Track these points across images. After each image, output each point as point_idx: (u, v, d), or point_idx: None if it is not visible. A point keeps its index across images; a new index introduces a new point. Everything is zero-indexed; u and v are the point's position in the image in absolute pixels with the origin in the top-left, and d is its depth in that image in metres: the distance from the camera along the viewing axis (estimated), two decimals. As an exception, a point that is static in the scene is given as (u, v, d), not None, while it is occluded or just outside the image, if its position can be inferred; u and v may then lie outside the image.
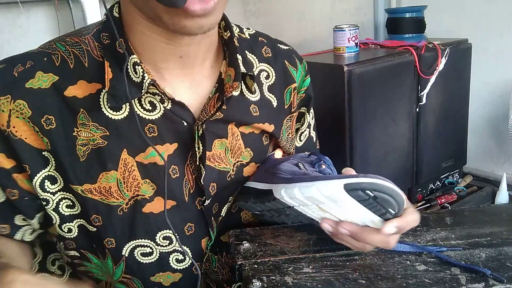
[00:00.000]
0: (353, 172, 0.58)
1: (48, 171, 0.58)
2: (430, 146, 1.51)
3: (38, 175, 0.58)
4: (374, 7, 1.96)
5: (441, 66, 1.42)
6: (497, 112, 1.72)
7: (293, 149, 0.79)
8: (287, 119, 0.74)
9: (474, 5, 1.71)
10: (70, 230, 0.62)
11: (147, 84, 0.56)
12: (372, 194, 0.51)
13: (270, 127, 0.70)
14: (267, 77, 0.70)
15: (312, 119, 0.81)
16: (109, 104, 0.56)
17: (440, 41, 1.48)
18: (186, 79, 0.61)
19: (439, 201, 1.54)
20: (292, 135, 0.77)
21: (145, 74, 0.56)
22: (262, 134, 0.71)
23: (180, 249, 0.65)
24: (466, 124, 1.63)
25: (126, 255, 0.63)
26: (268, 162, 0.71)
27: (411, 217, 0.55)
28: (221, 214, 0.69)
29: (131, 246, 0.63)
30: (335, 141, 0.90)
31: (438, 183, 1.63)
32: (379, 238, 0.55)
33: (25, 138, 0.56)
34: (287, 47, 0.75)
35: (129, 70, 0.56)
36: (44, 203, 0.60)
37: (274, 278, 0.56)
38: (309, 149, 0.81)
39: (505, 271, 0.55)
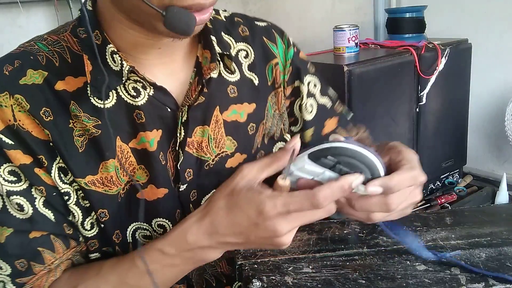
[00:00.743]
0: (338, 138, 0.55)
1: (59, 162, 0.58)
2: (430, 146, 1.51)
3: (53, 166, 0.58)
4: (374, 7, 1.96)
5: (441, 66, 1.42)
6: (497, 112, 1.72)
7: (284, 124, 0.75)
8: (272, 96, 0.72)
9: (474, 5, 1.71)
10: (92, 226, 0.61)
11: (126, 71, 0.56)
12: (336, 159, 0.51)
13: (250, 107, 0.69)
14: (246, 56, 0.70)
15: (314, 87, 0.76)
16: (94, 96, 0.57)
17: (440, 41, 1.49)
18: (165, 68, 0.62)
19: (439, 201, 1.54)
20: (281, 111, 0.74)
21: (124, 62, 0.56)
22: (248, 123, 0.69)
23: None
24: (466, 124, 1.63)
25: (130, 240, 0.63)
26: None
27: (404, 175, 0.52)
28: (201, 203, 0.66)
29: (132, 229, 0.63)
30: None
31: (438, 183, 1.63)
32: (373, 201, 0.52)
33: (31, 131, 0.57)
34: (265, 23, 0.74)
35: (108, 60, 0.57)
36: (66, 197, 0.59)
37: (274, 278, 0.56)
38: (326, 117, 0.77)
39: (505, 271, 0.55)
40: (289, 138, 0.77)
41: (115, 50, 0.57)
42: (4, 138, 0.56)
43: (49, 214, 0.59)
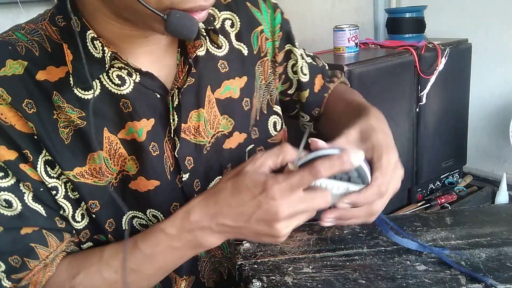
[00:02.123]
0: (317, 145, 0.53)
1: (45, 155, 0.57)
2: (430, 146, 1.51)
3: (39, 161, 0.56)
4: (374, 7, 1.96)
5: (441, 66, 1.42)
6: (497, 112, 1.72)
7: (270, 94, 0.73)
8: (258, 65, 0.70)
9: (474, 5, 1.71)
10: (83, 216, 0.60)
11: (108, 58, 0.54)
12: None
13: (242, 80, 0.66)
14: (232, 25, 0.67)
15: (299, 48, 0.77)
16: (78, 87, 0.55)
17: (440, 41, 1.48)
18: (151, 54, 0.60)
19: (439, 201, 1.54)
20: (267, 81, 0.72)
21: (105, 48, 0.54)
22: (242, 98, 0.67)
23: None
24: (466, 124, 1.63)
25: (127, 227, 0.62)
26: None
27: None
28: None
29: (129, 217, 0.62)
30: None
31: (438, 183, 1.63)
32: (369, 192, 0.53)
33: (15, 125, 0.55)
34: None
35: (89, 47, 0.55)
36: (54, 192, 0.58)
37: (274, 278, 0.56)
38: (315, 75, 0.77)
39: (505, 271, 0.55)
40: (279, 109, 0.75)
41: (95, 36, 0.54)
42: None
43: (40, 209, 0.58)
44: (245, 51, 0.67)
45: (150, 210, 0.62)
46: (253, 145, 0.70)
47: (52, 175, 0.57)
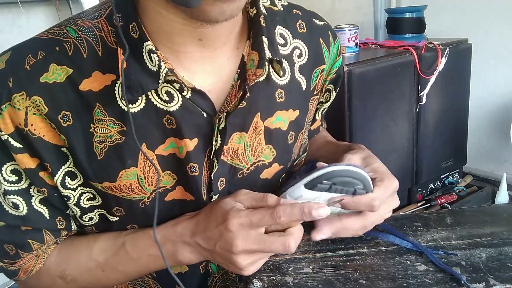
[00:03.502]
0: (324, 165, 0.56)
1: (68, 166, 0.55)
2: (430, 146, 1.51)
3: (58, 172, 0.55)
4: (374, 7, 1.96)
5: (441, 66, 1.42)
6: (497, 112, 1.72)
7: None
8: (310, 102, 0.68)
9: (474, 5, 1.71)
10: (90, 219, 0.60)
11: (164, 74, 0.51)
12: (331, 182, 0.54)
13: (294, 113, 0.64)
14: (300, 55, 0.64)
15: (335, 92, 0.77)
16: (124, 97, 0.52)
17: (440, 41, 1.49)
18: (207, 63, 0.55)
19: (439, 201, 1.54)
20: (310, 119, 0.71)
21: (162, 63, 0.50)
22: (288, 131, 0.65)
23: None
24: (466, 124, 1.63)
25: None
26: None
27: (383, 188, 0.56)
28: None
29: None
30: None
31: (438, 183, 1.63)
32: (362, 199, 0.56)
33: (43, 136, 0.53)
34: (323, 23, 0.68)
35: (145, 58, 0.51)
36: (65, 199, 0.57)
37: (274, 278, 0.56)
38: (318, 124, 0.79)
39: (506, 271, 0.55)
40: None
41: (153, 48, 0.50)
42: (12, 142, 0.53)
43: (44, 211, 0.58)
44: (304, 86, 0.65)
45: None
46: (284, 174, 0.70)
47: (68, 186, 0.56)
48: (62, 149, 0.54)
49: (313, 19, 0.68)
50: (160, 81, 0.51)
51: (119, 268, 0.59)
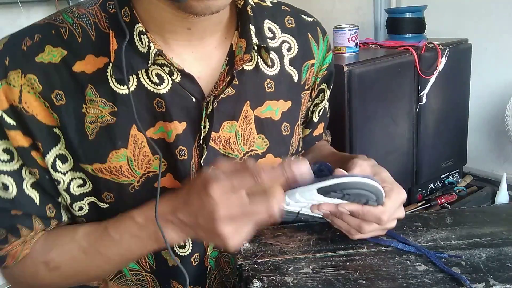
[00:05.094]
0: (343, 172, 0.57)
1: (59, 149, 0.56)
2: (430, 146, 1.51)
3: (50, 153, 0.56)
4: (374, 7, 1.96)
5: (441, 66, 1.43)
6: (497, 112, 1.72)
7: (304, 125, 0.75)
8: (302, 95, 0.70)
9: (474, 5, 1.71)
10: (81, 208, 0.60)
11: (153, 55, 0.53)
12: (344, 192, 0.55)
13: (286, 104, 0.66)
14: (289, 49, 0.66)
15: (329, 91, 0.78)
16: (115, 77, 0.54)
17: (440, 41, 1.49)
18: (196, 51, 0.58)
19: (439, 201, 1.54)
20: (302, 113, 0.72)
21: (151, 44, 0.53)
22: (282, 122, 0.66)
23: None
24: (466, 124, 1.63)
25: None
26: None
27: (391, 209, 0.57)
28: None
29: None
30: (335, 141, 0.90)
31: (438, 183, 1.63)
32: (372, 211, 0.57)
33: (36, 115, 0.54)
34: (312, 19, 0.71)
35: (135, 40, 0.54)
36: (56, 183, 0.58)
37: (274, 278, 0.56)
38: (321, 121, 0.80)
39: (506, 271, 0.55)
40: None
41: (143, 30, 0.54)
42: (6, 118, 0.54)
43: (35, 196, 0.58)
44: (295, 78, 0.67)
45: None
46: None
47: (59, 169, 0.57)
48: (54, 129, 0.56)
49: (302, 15, 0.70)
50: (149, 62, 0.54)
51: (102, 251, 0.58)
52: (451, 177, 1.65)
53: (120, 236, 0.57)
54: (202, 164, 0.60)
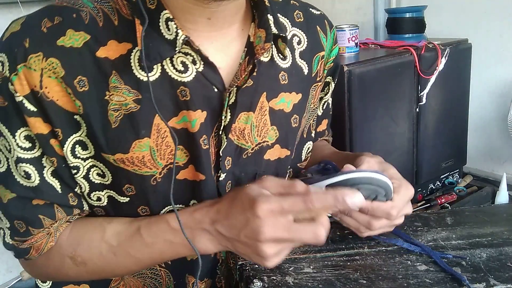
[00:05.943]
0: (351, 168, 0.58)
1: (79, 136, 0.55)
2: (430, 146, 1.51)
3: (69, 140, 0.54)
4: (374, 7, 1.96)
5: (441, 66, 1.43)
6: (497, 112, 1.72)
7: (313, 120, 0.76)
8: (312, 88, 0.70)
9: (474, 5, 1.71)
10: (99, 199, 0.60)
11: (181, 41, 0.52)
12: (355, 188, 0.53)
13: (297, 96, 0.66)
14: (299, 42, 0.67)
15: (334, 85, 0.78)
16: (140, 65, 0.53)
17: (440, 41, 1.49)
18: (216, 42, 0.58)
19: (439, 201, 1.54)
20: (315, 106, 0.73)
21: (179, 31, 0.52)
22: (292, 114, 0.66)
23: None
24: (466, 124, 1.63)
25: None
26: None
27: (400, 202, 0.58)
28: None
29: (167, 211, 0.61)
30: (335, 141, 0.90)
31: (438, 183, 1.63)
32: (382, 207, 0.57)
33: (57, 100, 0.53)
34: (319, 12, 0.73)
35: (161, 27, 0.53)
36: (74, 171, 0.57)
37: (275, 278, 0.56)
38: (325, 117, 0.80)
39: (506, 271, 0.55)
40: (313, 136, 0.77)
41: (170, 17, 0.52)
42: (27, 104, 0.52)
43: (56, 184, 0.57)
44: (306, 70, 0.68)
45: (193, 201, 0.62)
46: (289, 165, 0.70)
47: (78, 155, 0.56)
48: (75, 116, 0.54)
49: (310, 9, 0.72)
50: (177, 49, 0.53)
51: (132, 253, 0.57)
52: (451, 177, 1.65)
53: (152, 239, 0.56)
54: (220, 154, 0.59)
